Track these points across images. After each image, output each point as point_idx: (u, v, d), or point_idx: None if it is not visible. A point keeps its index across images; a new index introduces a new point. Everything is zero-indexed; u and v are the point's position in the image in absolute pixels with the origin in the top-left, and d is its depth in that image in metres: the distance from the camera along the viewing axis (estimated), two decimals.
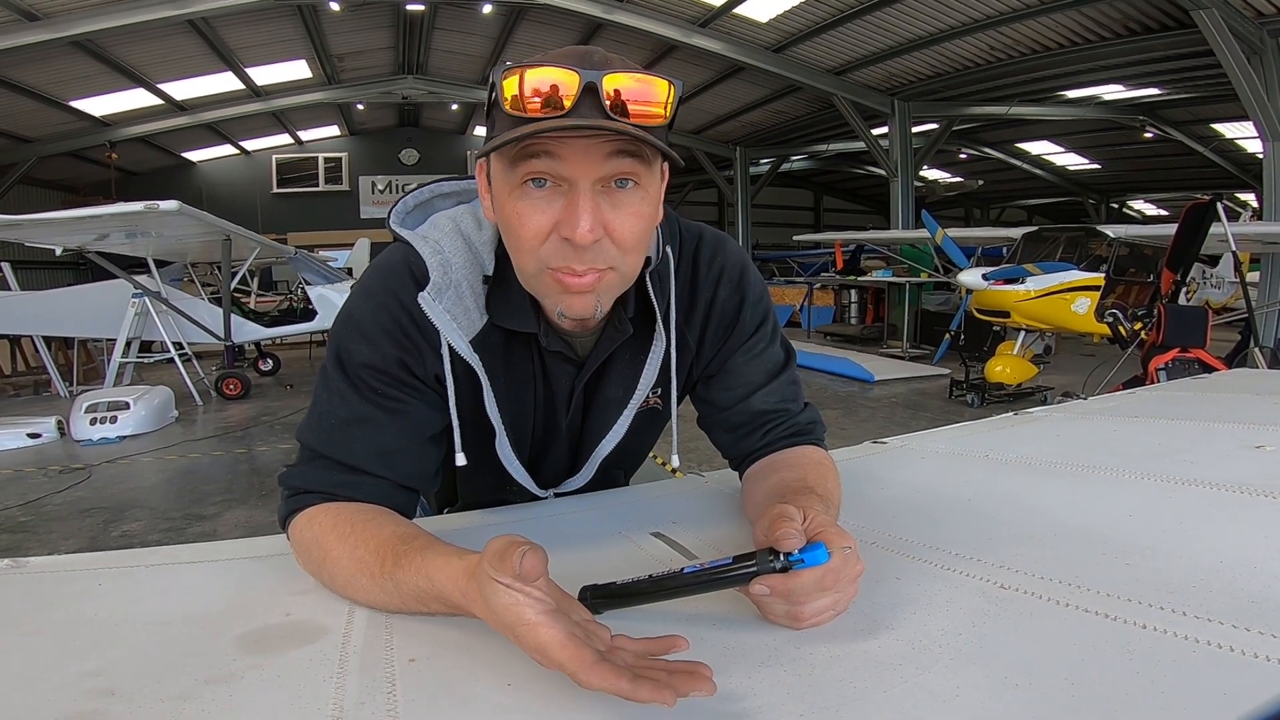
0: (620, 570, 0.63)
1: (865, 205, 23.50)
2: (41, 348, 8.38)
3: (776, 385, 0.93)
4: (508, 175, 0.70)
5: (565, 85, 0.65)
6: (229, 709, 0.50)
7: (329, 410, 0.78)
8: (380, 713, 0.49)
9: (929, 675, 0.51)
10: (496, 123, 0.70)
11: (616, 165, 0.68)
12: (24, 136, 12.18)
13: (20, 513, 4.35)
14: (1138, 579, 0.64)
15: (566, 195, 0.68)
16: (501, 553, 0.52)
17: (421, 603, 0.62)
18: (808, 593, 0.59)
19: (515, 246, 0.73)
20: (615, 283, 0.75)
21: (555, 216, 0.69)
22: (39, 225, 6.13)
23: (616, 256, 0.72)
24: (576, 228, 0.67)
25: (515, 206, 0.70)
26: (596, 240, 0.69)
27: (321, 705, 0.50)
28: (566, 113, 0.65)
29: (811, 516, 0.64)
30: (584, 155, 0.67)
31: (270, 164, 17.29)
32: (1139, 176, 18.48)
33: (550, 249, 0.70)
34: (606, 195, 0.69)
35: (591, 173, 0.67)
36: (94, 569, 0.79)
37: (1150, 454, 1.09)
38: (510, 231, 0.73)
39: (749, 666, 0.55)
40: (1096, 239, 7.45)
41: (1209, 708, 0.46)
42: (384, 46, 12.78)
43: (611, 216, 0.69)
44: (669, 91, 0.68)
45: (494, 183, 0.74)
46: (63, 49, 9.12)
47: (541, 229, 0.69)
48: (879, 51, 10.92)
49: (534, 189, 0.69)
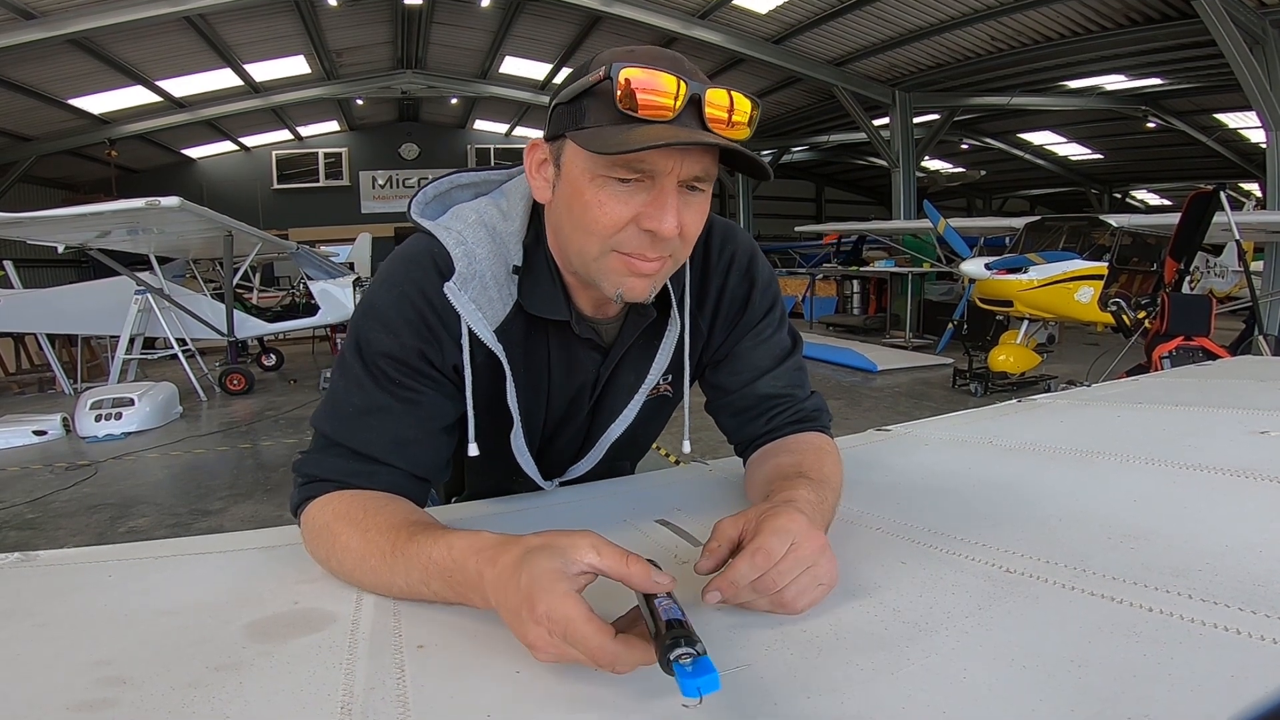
0: None
1: (867, 196, 23.41)
2: (46, 346, 8.39)
3: (783, 370, 0.94)
4: (593, 163, 0.72)
5: (675, 92, 0.69)
6: (238, 696, 0.51)
7: (346, 398, 0.79)
8: (390, 698, 0.49)
9: (936, 658, 0.52)
10: (590, 112, 0.71)
11: (696, 172, 0.72)
12: (23, 135, 12.15)
13: (28, 510, 4.37)
14: (1142, 563, 0.65)
15: (650, 191, 0.72)
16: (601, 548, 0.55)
17: (429, 579, 0.63)
18: (777, 580, 0.59)
19: (584, 230, 0.75)
20: (670, 269, 0.80)
21: (637, 209, 0.72)
22: (41, 223, 6.13)
23: (678, 247, 0.77)
24: (663, 223, 0.71)
25: (596, 195, 0.73)
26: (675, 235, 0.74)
27: (331, 691, 0.50)
28: (672, 120, 0.69)
29: (751, 516, 0.66)
30: (678, 160, 0.70)
31: (270, 160, 17.24)
32: (1142, 167, 18.37)
33: (625, 237, 0.74)
34: (681, 195, 0.73)
35: (679, 175, 0.71)
36: (103, 561, 0.80)
37: (1154, 439, 1.09)
38: (583, 216, 0.74)
39: (753, 649, 0.55)
40: (1099, 228, 7.43)
41: (1216, 690, 0.46)
42: (382, 41, 12.72)
43: (684, 213, 0.73)
44: (750, 109, 0.73)
45: (568, 166, 0.75)
46: (60, 47, 9.07)
47: (621, 219, 0.73)
48: (879, 42, 10.86)
49: (618, 182, 0.71)
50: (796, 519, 0.63)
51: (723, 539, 0.65)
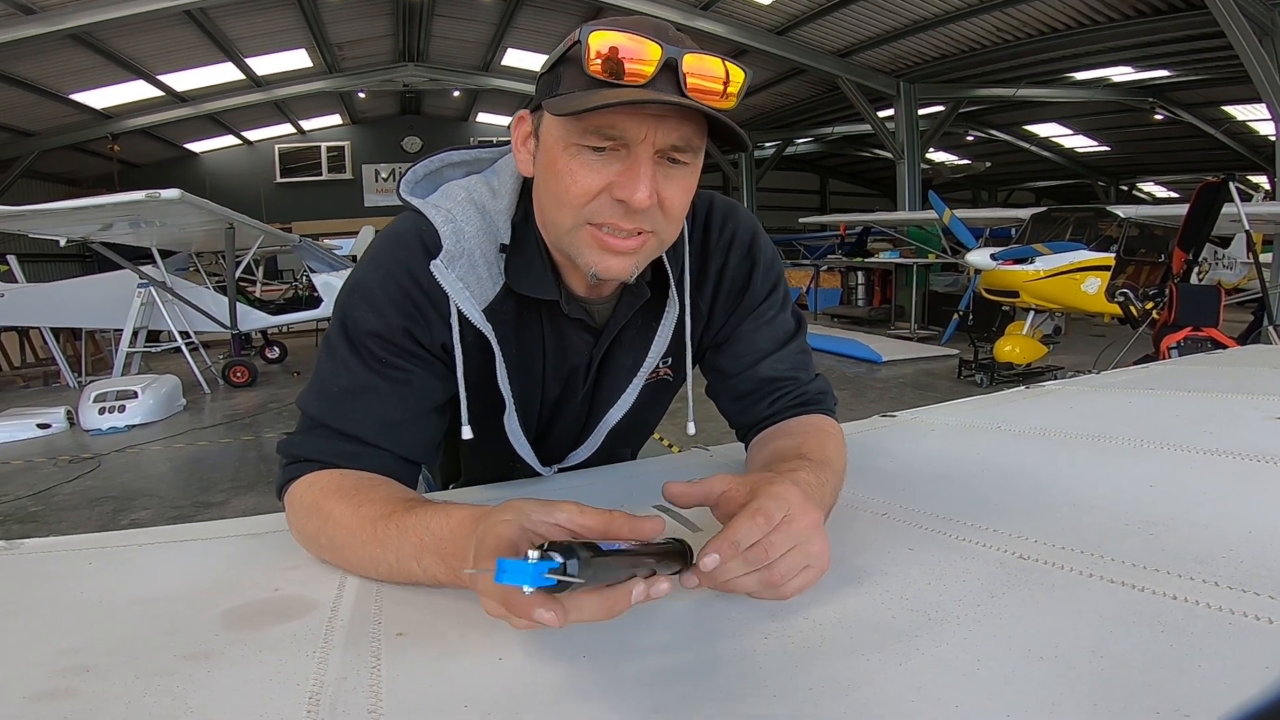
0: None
1: (872, 188, 23.29)
2: (50, 339, 8.40)
3: (786, 353, 0.91)
4: (565, 131, 0.69)
5: (648, 57, 0.65)
6: (206, 685, 0.48)
7: (331, 378, 0.77)
8: (362, 689, 0.47)
9: (947, 647, 0.49)
10: (564, 79, 0.69)
11: (674, 141, 0.69)
12: (25, 130, 12.14)
13: (31, 503, 4.37)
14: (1164, 549, 0.61)
15: (624, 160, 0.69)
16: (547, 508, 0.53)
17: (422, 553, 0.60)
18: (769, 551, 0.55)
19: (557, 201, 0.72)
20: (654, 248, 0.76)
21: (609, 178, 0.69)
22: (43, 216, 6.11)
23: (660, 223, 0.73)
24: (635, 192, 0.68)
25: (568, 163, 0.70)
26: (650, 206, 0.70)
27: (301, 681, 0.48)
28: (645, 85, 0.65)
29: (747, 480, 0.62)
30: (652, 127, 0.67)
31: (273, 154, 17.22)
32: (1149, 159, 18.23)
33: (597, 206, 0.71)
34: (660, 166, 0.70)
35: (655, 143, 0.68)
36: (86, 549, 0.77)
37: (1168, 425, 1.06)
38: (555, 185, 0.72)
39: (754, 639, 0.52)
40: (1106, 219, 7.36)
41: (1250, 679, 0.43)
42: (384, 34, 12.66)
43: (663, 185, 0.70)
44: (741, 79, 0.69)
45: (544, 136, 0.73)
46: (61, 42, 9.05)
47: (592, 188, 0.70)
48: (884, 33, 10.77)
49: (592, 150, 0.69)
50: (792, 490, 0.60)
51: (709, 484, 0.62)
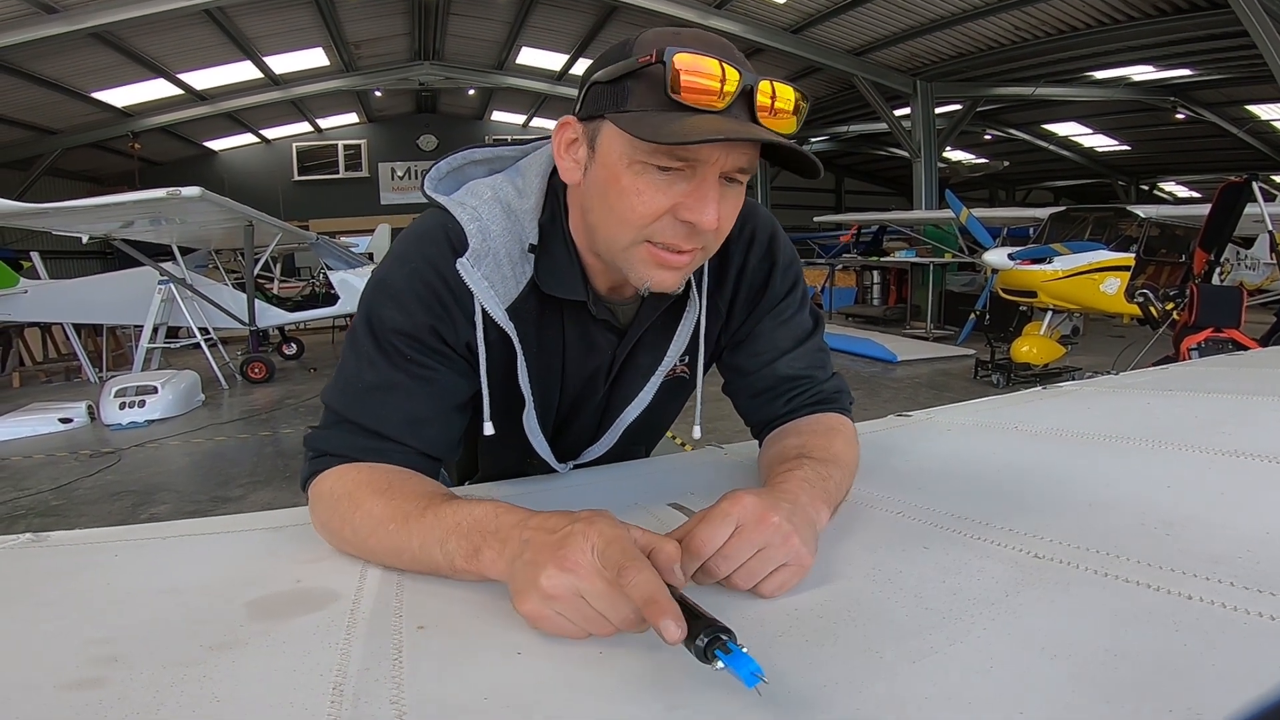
0: None
1: (888, 187, 23.13)
2: (72, 335, 8.53)
3: (803, 351, 0.92)
4: (632, 149, 0.69)
5: (729, 84, 0.66)
6: (231, 675, 0.49)
7: (356, 374, 0.78)
8: (384, 680, 0.48)
9: (960, 646, 0.49)
10: (635, 95, 0.68)
11: (740, 165, 0.70)
12: (48, 128, 12.34)
13: (52, 497, 4.44)
14: (1181, 550, 0.61)
15: (690, 181, 0.69)
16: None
17: (447, 537, 0.62)
18: (721, 566, 0.59)
19: (618, 217, 0.72)
20: (700, 261, 0.78)
21: (675, 199, 0.69)
22: (66, 213, 6.21)
23: (711, 239, 0.74)
24: (703, 215, 0.69)
25: (634, 182, 0.70)
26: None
27: (325, 672, 0.49)
28: (721, 111, 0.66)
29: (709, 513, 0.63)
30: (724, 152, 0.68)
31: (291, 152, 17.39)
32: (1170, 158, 17.95)
33: (660, 227, 0.71)
34: (720, 185, 0.71)
35: (723, 166, 0.69)
36: (110, 542, 0.79)
37: (1187, 426, 1.05)
38: (618, 202, 0.71)
39: (766, 636, 0.53)
40: (1126, 219, 7.27)
41: (1265, 680, 0.43)
42: (400, 33, 12.75)
43: (722, 206, 0.71)
44: (802, 104, 0.70)
45: (604, 149, 0.72)
46: (82, 41, 9.20)
47: (659, 208, 0.70)
48: (900, 32, 10.69)
49: (658, 170, 0.69)
50: (741, 502, 0.61)
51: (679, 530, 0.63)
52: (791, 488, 0.69)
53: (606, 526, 0.54)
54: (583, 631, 0.52)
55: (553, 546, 0.54)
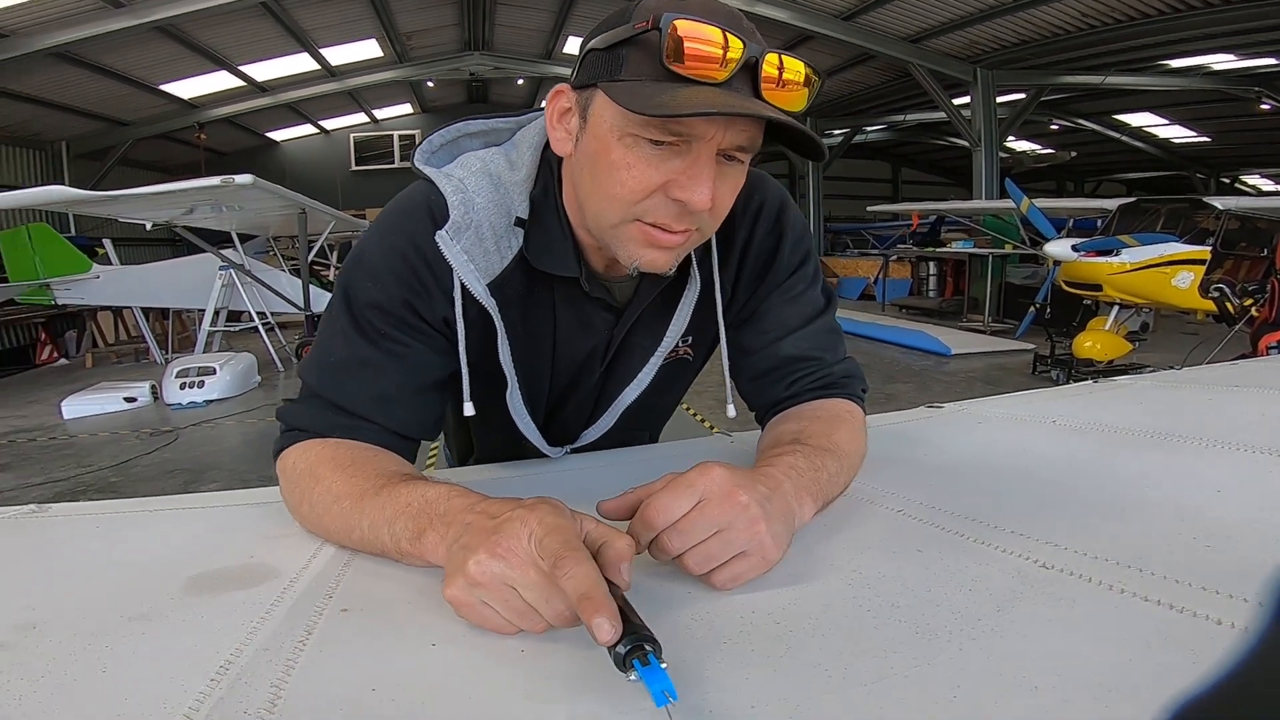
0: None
1: (946, 178, 22.37)
2: (140, 318, 8.93)
3: (811, 331, 0.85)
4: (623, 120, 0.64)
5: (731, 53, 0.61)
6: (132, 649, 0.47)
7: (329, 348, 0.75)
8: (278, 662, 0.44)
9: (927, 668, 0.42)
10: (629, 63, 0.63)
11: (740, 142, 0.65)
12: (121, 120, 12.89)
13: (111, 474, 4.64)
14: (1221, 565, 0.52)
15: (684, 156, 0.64)
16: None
17: (395, 518, 0.59)
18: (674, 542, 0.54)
19: (606, 192, 0.67)
20: (695, 242, 0.73)
21: (667, 175, 0.65)
22: (128, 200, 6.44)
23: (706, 220, 0.69)
24: (695, 194, 0.64)
25: (625, 155, 0.65)
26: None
27: (221, 649, 0.46)
28: (722, 84, 0.61)
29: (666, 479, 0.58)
30: (722, 127, 0.63)
31: (349, 143, 17.80)
32: (1254, 150, 16.80)
33: (650, 205, 0.66)
34: (717, 164, 0.66)
35: (720, 144, 0.64)
36: (102, 514, 0.79)
37: (1251, 425, 0.94)
38: (606, 177, 0.67)
39: (711, 640, 0.47)
40: (1202, 211, 6.82)
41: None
42: (450, 24, 12.88)
43: (718, 185, 0.66)
44: (814, 80, 0.65)
45: (595, 119, 0.67)
46: (148, 34, 9.56)
47: (650, 184, 0.65)
48: (958, 18, 10.23)
49: (650, 143, 0.64)
50: (709, 474, 0.55)
51: (638, 493, 0.58)
52: (776, 472, 0.63)
53: (549, 514, 0.50)
54: (512, 626, 0.48)
55: (488, 531, 0.50)
